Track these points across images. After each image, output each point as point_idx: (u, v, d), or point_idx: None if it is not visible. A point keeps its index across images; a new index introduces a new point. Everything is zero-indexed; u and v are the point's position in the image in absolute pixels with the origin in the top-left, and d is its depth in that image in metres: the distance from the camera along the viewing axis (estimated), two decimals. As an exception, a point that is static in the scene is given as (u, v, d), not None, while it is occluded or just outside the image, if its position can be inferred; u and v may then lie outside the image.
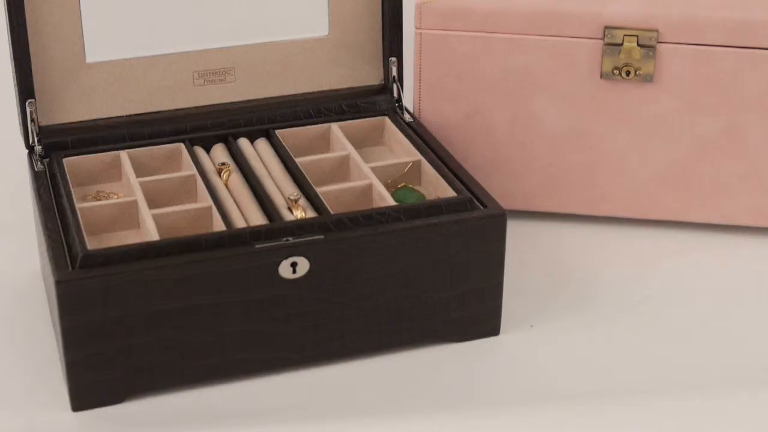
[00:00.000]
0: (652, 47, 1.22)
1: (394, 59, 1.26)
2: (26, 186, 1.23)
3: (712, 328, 1.16)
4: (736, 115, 1.24)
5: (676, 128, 1.25)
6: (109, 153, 1.18)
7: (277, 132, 1.21)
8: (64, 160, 1.16)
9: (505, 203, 1.28)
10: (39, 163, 1.16)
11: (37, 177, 1.14)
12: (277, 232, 1.05)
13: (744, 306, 1.19)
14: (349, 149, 1.19)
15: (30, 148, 1.17)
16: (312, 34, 1.25)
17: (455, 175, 1.14)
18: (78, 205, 1.10)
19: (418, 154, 1.18)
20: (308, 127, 1.22)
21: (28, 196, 1.23)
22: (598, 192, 1.29)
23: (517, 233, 1.28)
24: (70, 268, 1.02)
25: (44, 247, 1.07)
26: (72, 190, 1.11)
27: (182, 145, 1.19)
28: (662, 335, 1.15)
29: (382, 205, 1.11)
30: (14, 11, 1.14)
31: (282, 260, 1.03)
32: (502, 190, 1.29)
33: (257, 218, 1.09)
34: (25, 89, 1.16)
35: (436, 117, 1.27)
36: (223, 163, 1.16)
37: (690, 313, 1.18)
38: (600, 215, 1.30)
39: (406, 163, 1.18)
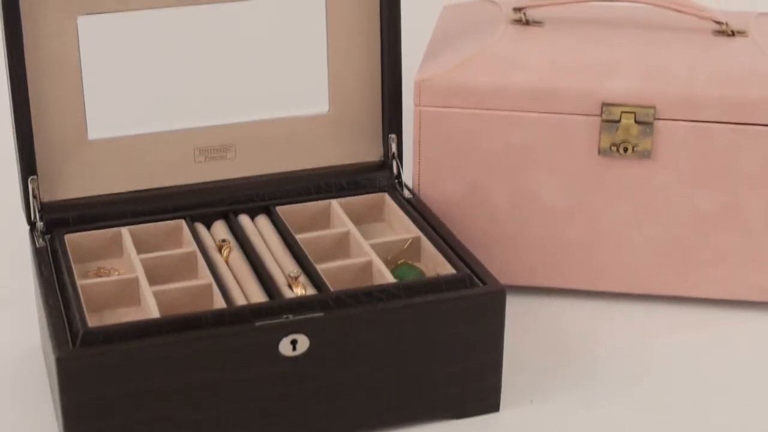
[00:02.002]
0: (649, 124, 1.23)
1: (393, 136, 1.27)
2: (27, 261, 1.23)
3: (714, 404, 1.16)
4: (734, 191, 1.25)
5: (675, 204, 1.26)
6: (110, 229, 1.18)
7: (278, 208, 1.22)
8: (66, 236, 1.16)
9: (505, 278, 1.28)
10: (41, 239, 1.16)
11: (38, 253, 1.14)
12: (277, 310, 1.05)
13: (745, 381, 1.19)
14: (349, 226, 1.20)
15: (32, 225, 1.18)
16: (312, 110, 1.26)
17: (455, 252, 1.15)
18: (79, 282, 1.10)
19: (418, 230, 1.19)
20: (308, 203, 1.23)
21: (29, 271, 1.23)
22: (597, 267, 1.29)
23: (516, 308, 1.28)
24: (70, 345, 1.02)
25: (45, 324, 1.08)
26: (73, 266, 1.12)
27: (183, 222, 1.19)
28: (663, 412, 1.14)
29: (382, 282, 1.11)
30: (17, 88, 1.15)
31: (282, 338, 1.04)
32: (501, 266, 1.29)
33: (258, 295, 1.09)
34: (28, 166, 1.17)
35: (435, 193, 1.28)
36: (223, 240, 1.17)
37: (691, 389, 1.18)
38: (600, 290, 1.31)
39: (406, 240, 1.19)
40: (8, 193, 1.35)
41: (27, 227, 1.19)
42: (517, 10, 1.34)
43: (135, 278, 1.12)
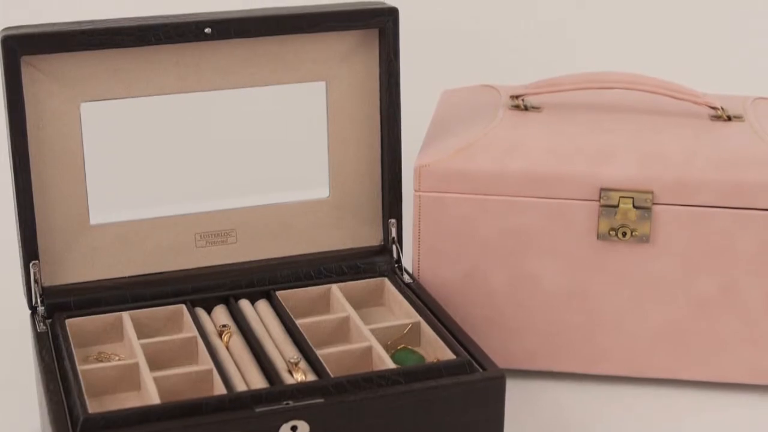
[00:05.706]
0: (647, 208, 1.24)
1: (393, 221, 1.28)
2: (28, 345, 1.23)
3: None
4: (731, 274, 1.25)
5: (673, 288, 1.26)
6: (111, 314, 1.19)
7: (278, 293, 1.22)
8: (67, 321, 1.17)
9: (505, 362, 1.29)
10: (42, 324, 1.16)
11: (39, 338, 1.15)
12: (277, 396, 1.05)
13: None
14: (349, 311, 1.20)
15: (33, 309, 1.18)
16: (313, 196, 1.27)
17: (454, 337, 1.15)
18: (80, 367, 1.10)
19: (417, 315, 1.19)
20: (309, 288, 1.24)
21: (29, 355, 1.23)
22: (597, 351, 1.29)
23: (516, 393, 1.28)
24: (71, 431, 1.02)
25: (45, 409, 1.08)
26: (74, 351, 1.12)
27: (184, 307, 1.20)
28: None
29: (382, 367, 1.12)
30: (20, 175, 1.16)
31: (282, 424, 1.04)
32: (501, 349, 1.29)
33: (258, 381, 1.10)
34: (30, 251, 1.18)
35: (435, 278, 1.28)
36: (224, 325, 1.17)
37: (690, 474, 1.18)
38: (600, 374, 1.31)
39: (406, 325, 1.19)
40: (9, 277, 1.36)
41: (28, 311, 1.19)
42: (515, 97, 1.35)
43: (135, 363, 1.12)
